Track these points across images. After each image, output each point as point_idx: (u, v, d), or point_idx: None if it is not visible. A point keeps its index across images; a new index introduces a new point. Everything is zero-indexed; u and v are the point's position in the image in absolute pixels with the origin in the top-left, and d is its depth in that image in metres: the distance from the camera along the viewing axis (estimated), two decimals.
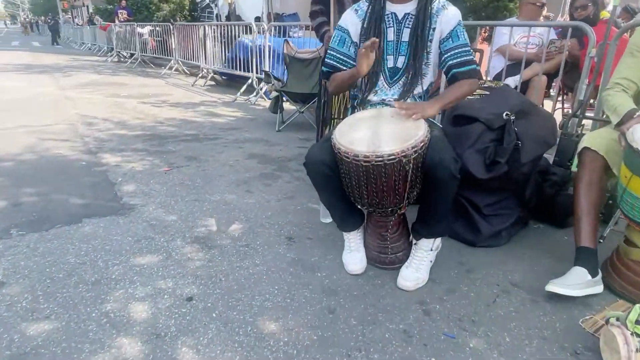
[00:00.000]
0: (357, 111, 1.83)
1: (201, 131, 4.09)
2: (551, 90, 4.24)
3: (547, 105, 3.86)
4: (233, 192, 2.59)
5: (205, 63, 7.62)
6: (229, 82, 7.32)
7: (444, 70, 1.73)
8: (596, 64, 2.51)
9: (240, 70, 6.47)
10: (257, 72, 6.08)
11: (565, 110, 4.12)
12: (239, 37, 6.59)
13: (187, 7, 11.12)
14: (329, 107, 2.47)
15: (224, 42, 6.96)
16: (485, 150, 1.81)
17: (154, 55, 10.31)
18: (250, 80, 6.14)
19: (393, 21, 1.71)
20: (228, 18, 10.35)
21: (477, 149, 1.82)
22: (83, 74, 8.64)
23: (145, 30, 10.35)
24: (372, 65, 1.71)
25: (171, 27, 8.87)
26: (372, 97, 1.77)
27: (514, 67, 3.40)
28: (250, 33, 6.14)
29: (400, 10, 1.70)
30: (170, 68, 9.12)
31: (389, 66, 1.74)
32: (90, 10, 20.63)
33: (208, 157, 3.28)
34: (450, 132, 1.89)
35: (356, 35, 1.74)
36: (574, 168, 2.23)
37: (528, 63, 3.19)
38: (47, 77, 7.85)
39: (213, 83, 7.58)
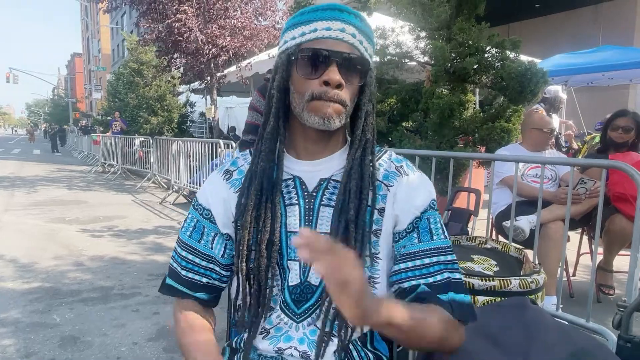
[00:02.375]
0: None
1: (120, 281, 3.12)
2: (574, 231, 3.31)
3: (570, 254, 2.91)
4: None
5: (177, 178, 7.02)
6: None
7: (399, 294, 0.83)
8: None
9: None
10: None
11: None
12: (216, 150, 6.08)
13: (175, 120, 10.99)
14: None
15: (200, 157, 6.41)
16: None
17: (137, 167, 9.88)
18: None
19: (298, 194, 0.85)
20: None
21: None
22: (50, 189, 7.99)
23: (137, 141, 10.14)
24: (259, 276, 0.85)
25: (151, 140, 8.54)
26: (261, 344, 0.86)
27: (524, 204, 2.57)
28: (228, 148, 5.66)
29: (311, 172, 0.86)
30: (149, 179, 8.65)
31: (291, 283, 0.84)
32: (91, 121, 21.32)
33: (96, 336, 2.27)
34: None
35: (225, 222, 0.87)
36: None
37: (543, 201, 2.35)
38: (2, 194, 7.17)
39: (184, 200, 6.85)
